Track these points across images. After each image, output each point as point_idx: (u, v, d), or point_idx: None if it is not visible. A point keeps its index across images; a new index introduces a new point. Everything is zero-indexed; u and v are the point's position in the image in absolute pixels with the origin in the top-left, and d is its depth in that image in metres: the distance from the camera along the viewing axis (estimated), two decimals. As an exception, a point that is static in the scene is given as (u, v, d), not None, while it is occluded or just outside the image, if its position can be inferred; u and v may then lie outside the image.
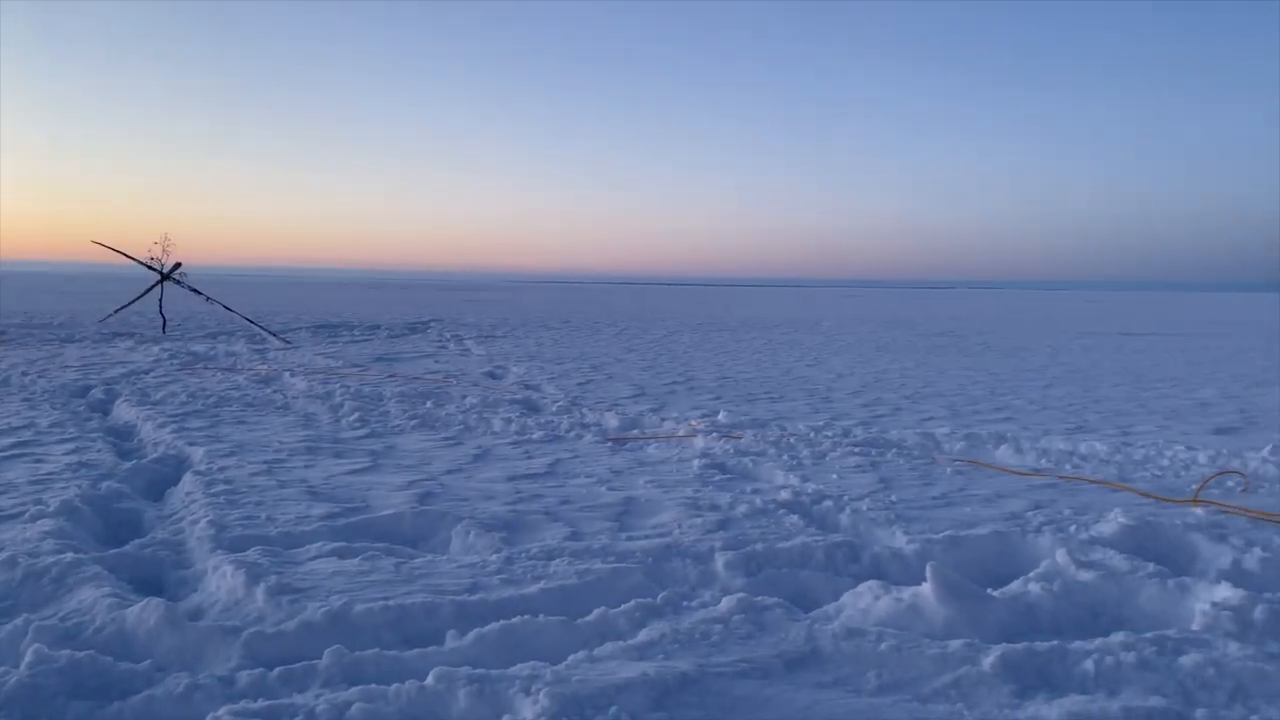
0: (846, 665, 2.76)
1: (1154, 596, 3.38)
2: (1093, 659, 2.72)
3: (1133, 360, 14.29)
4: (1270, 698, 2.52)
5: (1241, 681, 2.59)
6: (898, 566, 3.79)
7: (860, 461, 5.80)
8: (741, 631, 2.98)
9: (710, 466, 5.60)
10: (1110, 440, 6.58)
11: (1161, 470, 5.64)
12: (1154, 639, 2.85)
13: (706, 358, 13.86)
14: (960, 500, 4.82)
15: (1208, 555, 3.91)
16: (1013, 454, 6.11)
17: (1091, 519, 4.33)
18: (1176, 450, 6.14)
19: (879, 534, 4.27)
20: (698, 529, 4.20)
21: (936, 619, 3.14)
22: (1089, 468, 5.71)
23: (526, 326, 21.11)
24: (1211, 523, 4.28)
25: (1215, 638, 2.88)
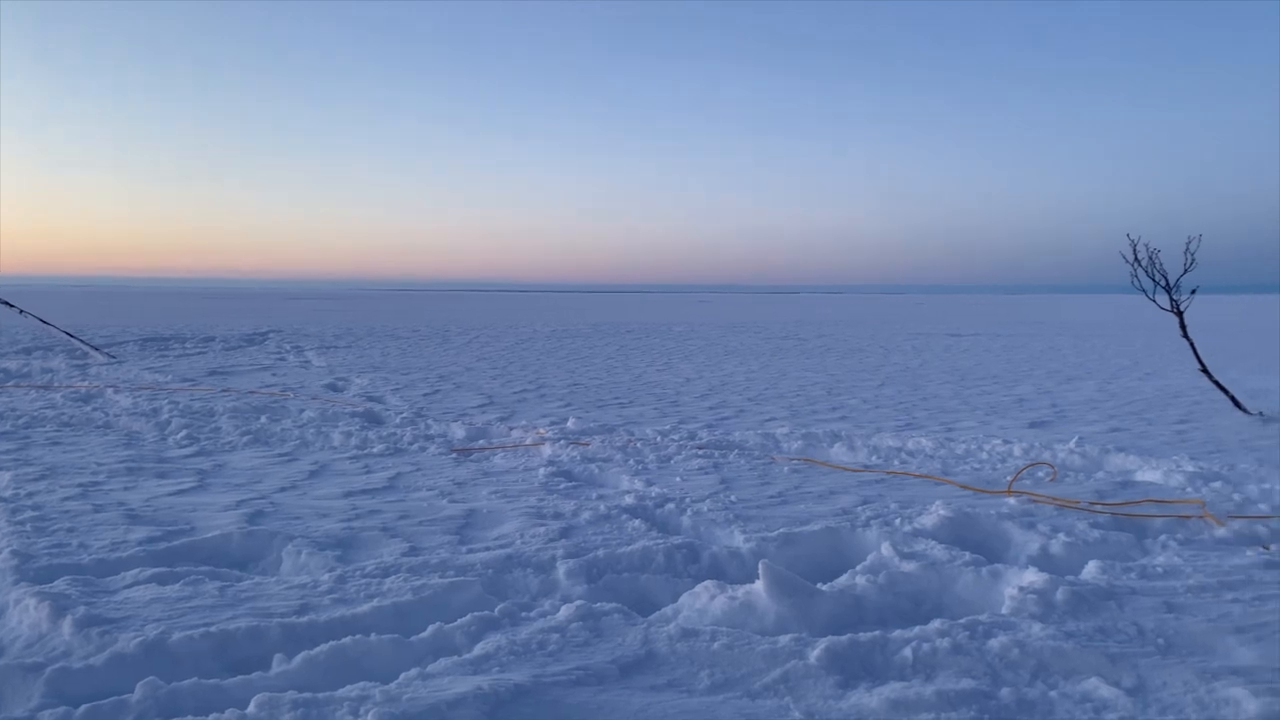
0: (681, 666, 2.80)
1: (970, 584, 3.59)
2: (911, 646, 2.85)
3: (959, 360, 15.14)
4: (1068, 674, 2.71)
5: (1043, 660, 2.78)
6: (735, 565, 3.88)
7: (704, 464, 5.91)
8: (579, 639, 2.99)
9: (557, 474, 5.59)
10: (936, 436, 6.94)
11: (981, 463, 6.00)
12: (967, 624, 3.02)
13: (558, 364, 13.85)
14: (795, 498, 4.98)
15: (1019, 542, 4.18)
16: (846, 451, 6.37)
17: (915, 512, 4.56)
18: (994, 444, 6.54)
19: (718, 534, 4.36)
20: (540, 538, 4.18)
21: (769, 615, 3.23)
22: (915, 463, 6.01)
23: (372, 336, 20.54)
24: (1023, 511, 4.57)
25: (1021, 620, 3.08)
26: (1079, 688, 2.61)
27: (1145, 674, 2.68)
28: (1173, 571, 3.60)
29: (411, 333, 22.17)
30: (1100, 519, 4.46)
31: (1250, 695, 2.47)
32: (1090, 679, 2.65)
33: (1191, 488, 5.13)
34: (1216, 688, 2.56)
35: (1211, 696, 2.52)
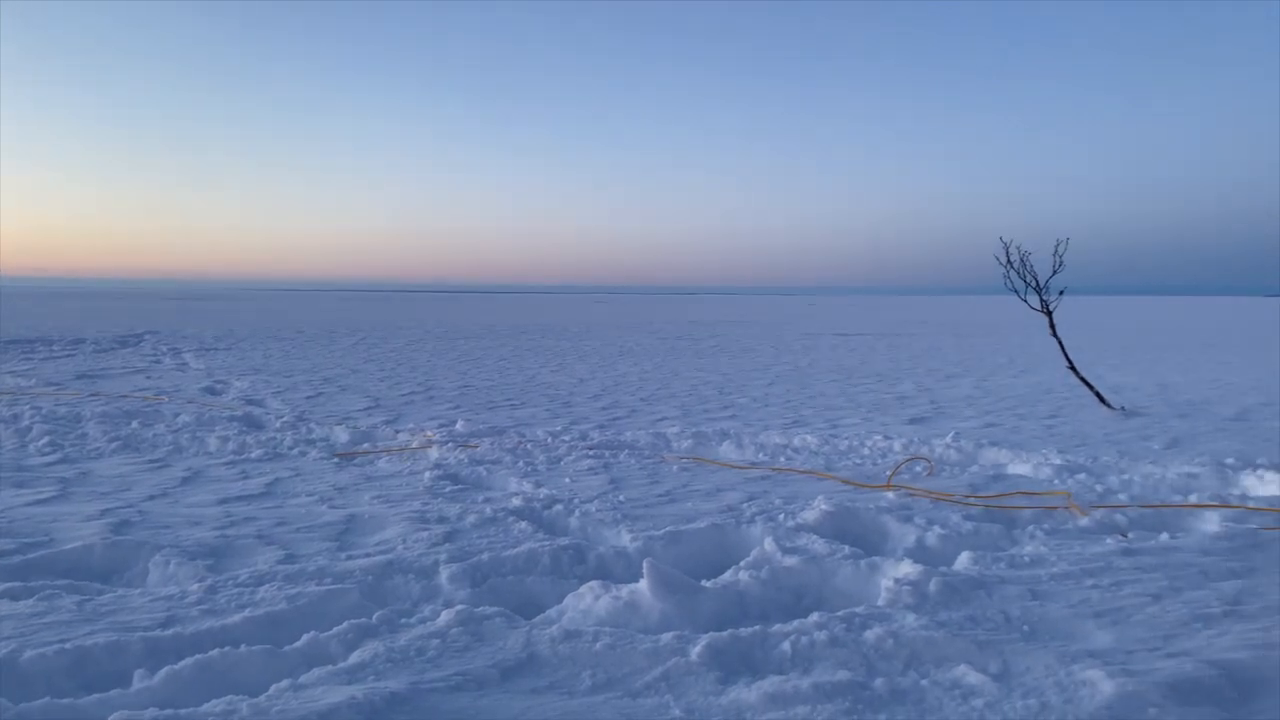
0: (563, 668, 2.78)
1: (849, 577, 3.67)
2: (790, 640, 2.90)
3: (845, 358, 15.53)
4: (938, 661, 2.79)
5: (916, 649, 2.85)
6: (622, 565, 3.87)
7: (594, 464, 5.90)
8: (459, 644, 2.93)
9: (443, 478, 5.49)
10: (821, 433, 7.10)
11: (863, 459, 6.15)
12: (844, 616, 3.08)
13: (449, 366, 13.64)
14: (683, 496, 5.01)
15: (896, 535, 4.30)
16: (735, 449, 6.45)
17: (799, 507, 4.64)
18: (876, 440, 6.72)
19: (606, 534, 4.35)
20: (423, 543, 4.09)
21: (653, 614, 3.23)
22: (801, 459, 6.13)
23: (255, 338, 19.85)
24: (901, 505, 4.70)
25: (896, 611, 3.16)
26: (949, 675, 2.69)
27: (1010, 659, 2.78)
28: (1039, 560, 3.75)
29: (296, 334, 21.51)
30: (973, 511, 4.62)
31: (1106, 676, 2.59)
32: (959, 666, 2.73)
33: (1059, 480, 5.37)
34: (1075, 670, 2.67)
35: (1071, 679, 2.63)
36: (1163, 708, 2.44)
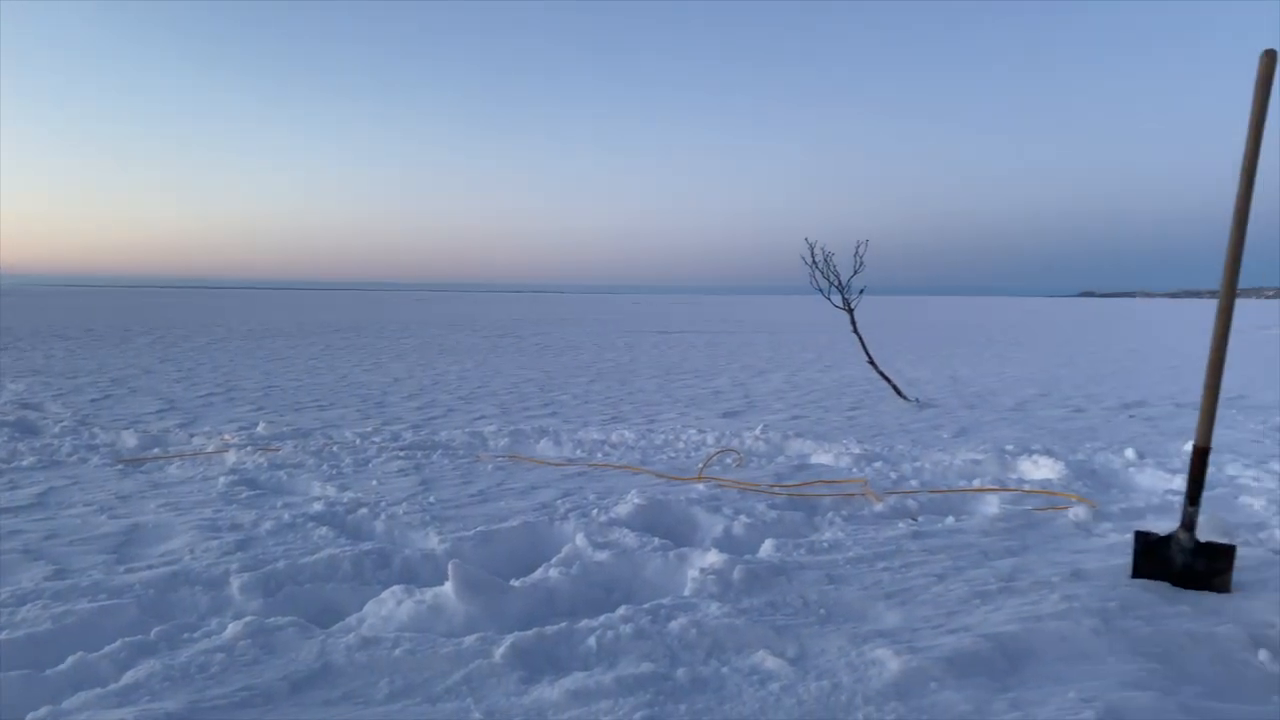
0: (359, 677, 2.66)
1: (658, 569, 3.70)
2: (596, 635, 2.88)
3: (666, 355, 15.82)
4: (739, 648, 2.84)
5: (718, 638, 2.90)
6: (429, 568, 3.76)
7: (404, 465, 5.72)
8: (247, 658, 2.76)
9: (239, 483, 5.18)
10: (639, 428, 7.18)
11: (677, 452, 6.25)
12: (650, 609, 3.10)
13: (254, 366, 12.95)
14: (497, 495, 4.93)
15: (705, 526, 4.38)
16: (552, 446, 6.42)
17: (612, 502, 4.65)
18: (690, 434, 6.85)
19: (413, 537, 4.22)
20: (213, 552, 3.84)
21: (458, 616, 3.15)
22: (618, 454, 6.16)
23: (36, 336, 18.22)
24: (710, 496, 4.80)
25: (701, 600, 3.21)
26: (748, 661, 2.75)
27: (807, 643, 2.87)
28: (836, 545, 3.90)
29: (84, 332, 19.90)
30: (778, 500, 4.77)
31: (893, 654, 2.71)
32: (759, 652, 2.80)
33: (857, 468, 5.64)
34: (866, 650, 2.79)
35: (861, 659, 2.74)
36: (942, 681, 2.57)
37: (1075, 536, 4.14)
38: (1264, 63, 3.17)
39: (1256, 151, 3.21)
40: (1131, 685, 2.56)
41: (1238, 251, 3.32)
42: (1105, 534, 4.15)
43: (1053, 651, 2.82)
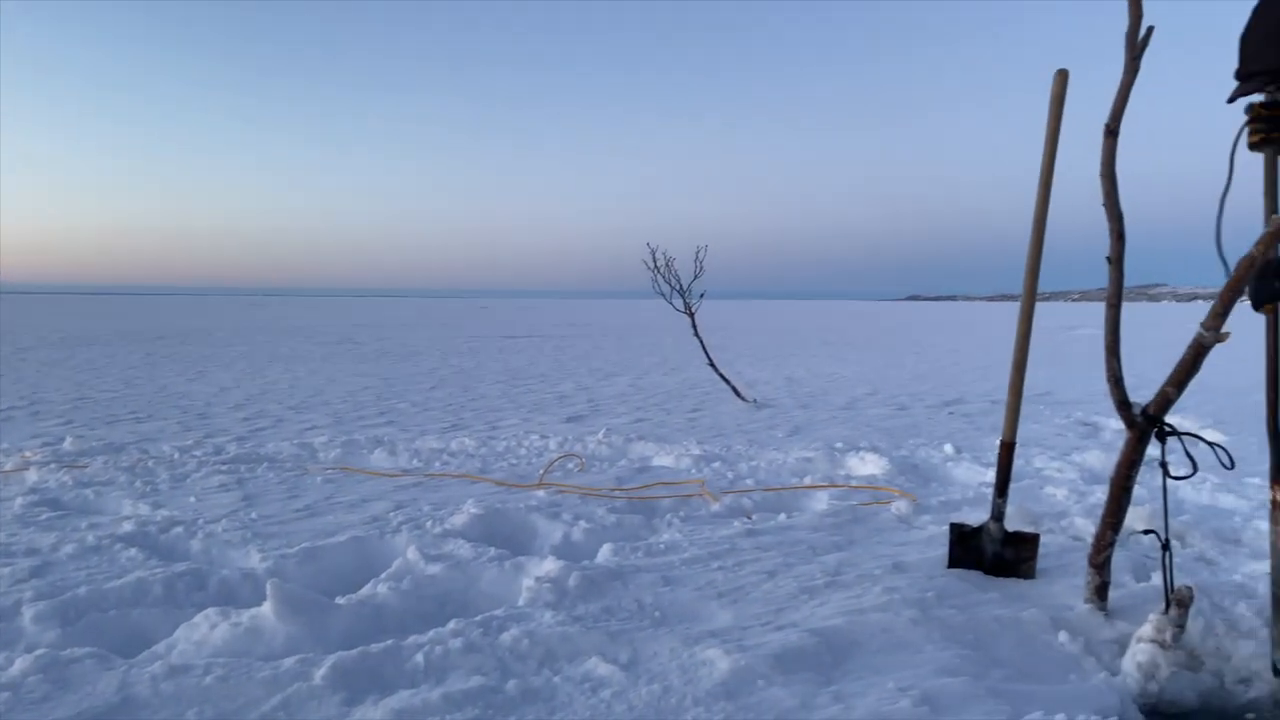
0: (164, 708, 2.47)
1: (494, 579, 3.63)
2: (424, 651, 2.79)
3: (512, 360, 15.67)
4: (572, 656, 2.81)
5: (551, 647, 2.86)
6: (249, 588, 3.56)
7: (226, 480, 5.42)
8: (35, 695, 2.52)
9: (39, 504, 4.77)
10: (480, 435, 7.06)
11: (519, 459, 6.18)
12: (482, 621, 3.02)
13: (64, 377, 12.03)
14: (325, 509, 4.73)
15: (544, 533, 4.34)
16: (387, 456, 6.22)
17: (448, 512, 4.54)
18: (533, 439, 6.79)
19: (232, 556, 3.99)
20: (4, 580, 3.51)
21: (277, 638, 2.99)
22: (456, 463, 6.03)
23: None
24: (550, 502, 4.76)
25: (535, 610, 3.16)
26: (580, 669, 2.73)
27: (640, 647, 2.87)
28: (673, 547, 3.93)
29: None
30: (619, 504, 4.78)
31: (723, 654, 2.74)
32: (591, 659, 2.78)
33: (696, 469, 5.72)
34: (697, 651, 2.81)
35: (692, 660, 2.76)
36: (770, 678, 2.62)
37: (897, 530, 4.32)
38: (1057, 82, 3.39)
39: (1051, 164, 3.44)
40: (945, 672, 2.68)
41: (1037, 258, 3.54)
42: (925, 526, 4.36)
43: (875, 643, 2.92)
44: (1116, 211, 2.93)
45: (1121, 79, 2.82)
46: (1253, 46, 2.51)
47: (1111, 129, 2.86)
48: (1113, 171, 2.89)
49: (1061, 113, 3.39)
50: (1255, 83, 2.53)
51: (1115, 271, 2.96)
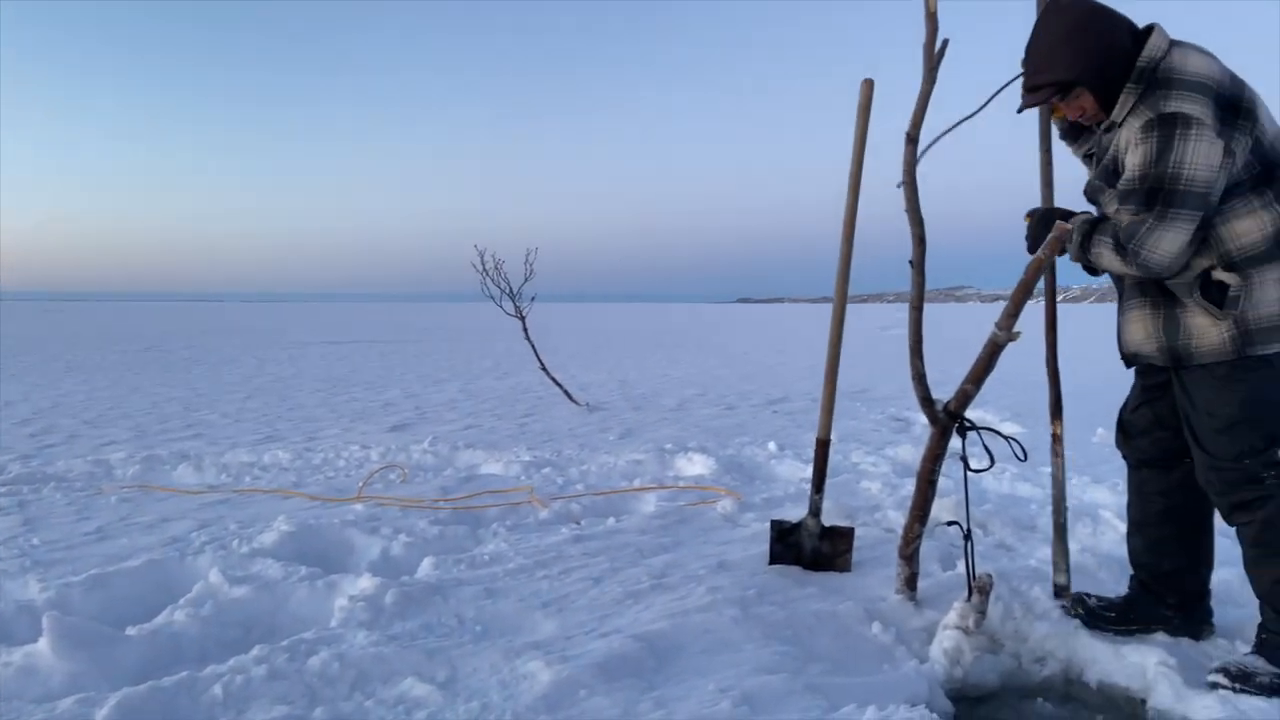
0: (-89, 770, 2.19)
1: (304, 600, 3.43)
2: (223, 682, 2.59)
3: (334, 367, 15.06)
4: (386, 677, 2.68)
5: (364, 669, 2.72)
6: (27, 622, 3.21)
7: (4, 503, 4.91)
8: None
9: None
10: (295, 447, 6.71)
11: (337, 471, 5.90)
12: (289, 645, 2.84)
13: None
14: (119, 531, 4.36)
15: (361, 548, 4.14)
16: (192, 472, 5.82)
17: (257, 530, 4.27)
18: (353, 450, 6.52)
19: (8, 588, 3.60)
20: None
21: (55, 676, 2.71)
22: (269, 477, 5.71)
23: None
24: (369, 516, 4.56)
25: (348, 630, 3.00)
26: (395, 690, 2.60)
27: (458, 663, 2.77)
28: (498, 557, 3.83)
29: None
30: (442, 515, 4.63)
31: (545, 665, 2.68)
32: (407, 679, 2.65)
33: (525, 476, 5.63)
34: (518, 664, 2.73)
35: (513, 674, 2.68)
36: (592, 688, 2.57)
37: (722, 528, 4.38)
38: (864, 91, 3.51)
39: (860, 170, 3.56)
40: (765, 670, 2.71)
41: (847, 262, 3.66)
42: (749, 524, 4.43)
43: (697, 644, 2.93)
44: (918, 216, 3.06)
45: (920, 88, 2.95)
46: (1039, 59, 2.68)
47: (912, 136, 2.99)
48: (914, 178, 3.01)
49: (868, 120, 3.52)
50: (1041, 94, 2.70)
51: (917, 275, 3.08)
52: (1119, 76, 2.61)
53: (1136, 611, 3.07)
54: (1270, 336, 2.59)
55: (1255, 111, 2.55)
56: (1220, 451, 2.69)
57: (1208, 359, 2.66)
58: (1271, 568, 2.67)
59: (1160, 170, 2.49)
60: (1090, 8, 2.65)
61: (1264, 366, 2.62)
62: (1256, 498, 2.65)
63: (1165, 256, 2.53)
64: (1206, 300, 2.61)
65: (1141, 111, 2.58)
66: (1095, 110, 2.71)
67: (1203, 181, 2.47)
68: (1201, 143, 2.45)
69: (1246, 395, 2.63)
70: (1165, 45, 2.61)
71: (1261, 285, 2.57)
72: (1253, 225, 2.55)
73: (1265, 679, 2.60)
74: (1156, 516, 3.03)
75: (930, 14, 2.91)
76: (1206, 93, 2.50)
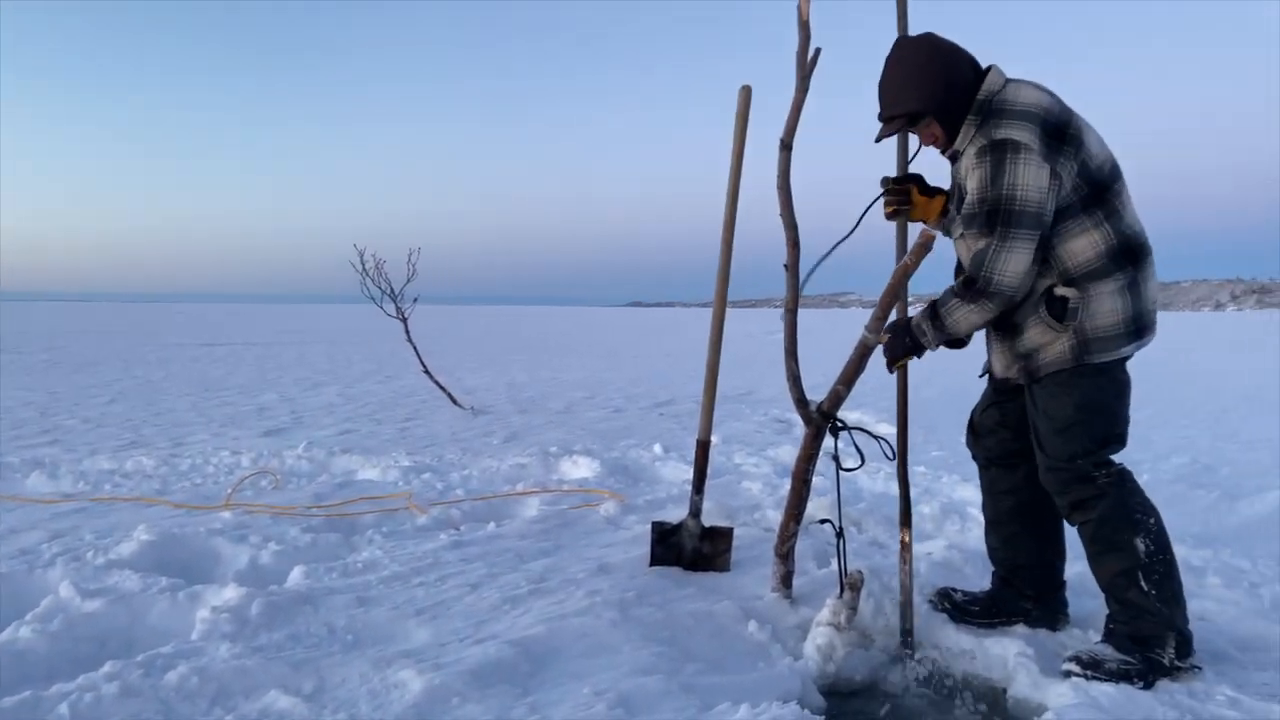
0: None
1: (164, 612, 3.27)
2: (69, 701, 2.44)
3: (208, 370, 14.47)
4: (249, 691, 2.57)
5: (224, 683, 2.60)
6: None
7: None
8: None
9: None
10: (161, 453, 6.40)
11: (205, 478, 5.66)
12: (145, 660, 2.69)
13: None
14: (-41, 545, 4.07)
15: (228, 558, 3.98)
16: (46, 480, 5.49)
17: (115, 541, 4.05)
18: (223, 456, 6.26)
19: None
20: None
21: (-122, 704, 2.51)
22: (130, 485, 5.42)
23: None
24: (237, 524, 4.37)
25: (209, 643, 2.86)
26: (258, 704, 2.50)
27: (326, 674, 2.68)
28: (372, 565, 3.73)
29: None
30: (315, 522, 4.48)
31: (417, 674, 2.62)
32: (271, 692, 2.55)
33: (405, 481, 5.51)
34: (389, 674, 2.66)
35: (383, 683, 2.61)
36: (465, 695, 2.53)
37: (605, 531, 4.37)
38: (742, 98, 3.56)
39: (738, 176, 3.60)
40: (642, 671, 2.71)
41: (726, 267, 3.70)
42: (631, 526, 4.43)
43: (575, 648, 2.91)
44: (792, 221, 3.11)
45: (794, 97, 3.00)
46: (890, 93, 2.85)
47: (786, 143, 3.04)
48: (788, 183, 3.07)
49: (746, 127, 3.56)
50: (894, 124, 2.88)
51: (791, 278, 3.14)
52: (962, 108, 2.80)
53: (999, 605, 3.20)
54: (1104, 345, 2.78)
55: (1081, 137, 2.75)
56: (1056, 453, 2.86)
57: (1052, 368, 2.84)
58: (1110, 563, 2.82)
59: (996, 193, 2.67)
60: (936, 44, 2.83)
61: (1098, 373, 2.81)
62: (1091, 496, 2.81)
63: (1014, 277, 2.70)
64: (1050, 315, 2.79)
65: (977, 139, 2.77)
66: (944, 139, 2.89)
67: (1035, 202, 2.65)
68: (1030, 166, 2.64)
69: (1081, 400, 2.81)
70: (1001, 81, 2.81)
71: (1098, 298, 2.76)
72: (1086, 244, 2.75)
73: (1113, 665, 2.74)
74: (1008, 513, 3.19)
75: (803, 22, 2.98)
76: (1034, 120, 2.69)
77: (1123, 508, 2.79)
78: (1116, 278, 2.76)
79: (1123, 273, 2.76)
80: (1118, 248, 2.75)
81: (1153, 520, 2.80)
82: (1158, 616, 2.75)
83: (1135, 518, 2.79)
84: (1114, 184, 2.79)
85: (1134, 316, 2.77)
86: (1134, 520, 2.78)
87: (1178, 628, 2.76)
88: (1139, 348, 2.84)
